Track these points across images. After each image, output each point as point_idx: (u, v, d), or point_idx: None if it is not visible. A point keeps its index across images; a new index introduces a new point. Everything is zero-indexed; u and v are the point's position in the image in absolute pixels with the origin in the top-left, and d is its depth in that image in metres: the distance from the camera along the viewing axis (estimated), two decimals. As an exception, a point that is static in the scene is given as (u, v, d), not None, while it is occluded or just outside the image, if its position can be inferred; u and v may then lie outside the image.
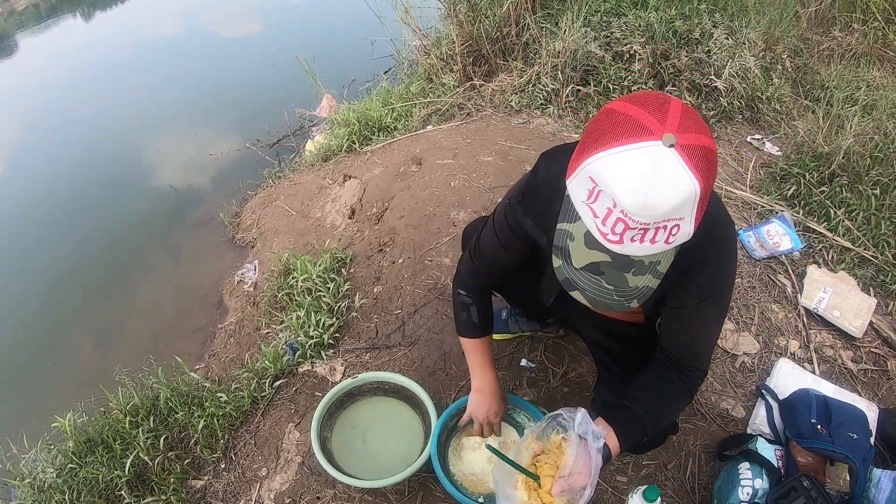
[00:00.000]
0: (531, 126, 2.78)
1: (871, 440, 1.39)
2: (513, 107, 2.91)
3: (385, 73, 4.09)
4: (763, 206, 2.25)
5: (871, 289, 1.93)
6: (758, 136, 2.66)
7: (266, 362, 1.80)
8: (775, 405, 1.53)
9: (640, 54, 2.70)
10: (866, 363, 1.74)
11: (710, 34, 2.72)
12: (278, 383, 1.77)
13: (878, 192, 2.10)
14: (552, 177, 0.97)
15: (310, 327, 1.87)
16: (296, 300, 2.02)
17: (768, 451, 1.34)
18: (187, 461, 1.63)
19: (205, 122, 4.29)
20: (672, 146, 0.69)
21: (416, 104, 3.16)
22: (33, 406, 2.37)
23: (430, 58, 3.28)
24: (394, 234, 2.25)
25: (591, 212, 0.74)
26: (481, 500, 1.36)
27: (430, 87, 3.25)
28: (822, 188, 2.21)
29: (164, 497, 1.52)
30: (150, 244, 3.15)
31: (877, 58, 3.12)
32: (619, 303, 0.83)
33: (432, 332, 1.84)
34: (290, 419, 1.69)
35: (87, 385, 2.04)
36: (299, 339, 1.85)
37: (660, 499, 1.11)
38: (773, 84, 2.76)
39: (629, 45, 2.72)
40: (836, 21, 3.27)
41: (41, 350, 2.66)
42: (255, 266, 2.64)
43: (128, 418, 1.67)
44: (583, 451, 0.98)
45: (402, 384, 1.58)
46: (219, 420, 1.67)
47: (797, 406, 1.43)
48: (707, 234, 0.84)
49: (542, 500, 1.01)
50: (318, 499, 1.49)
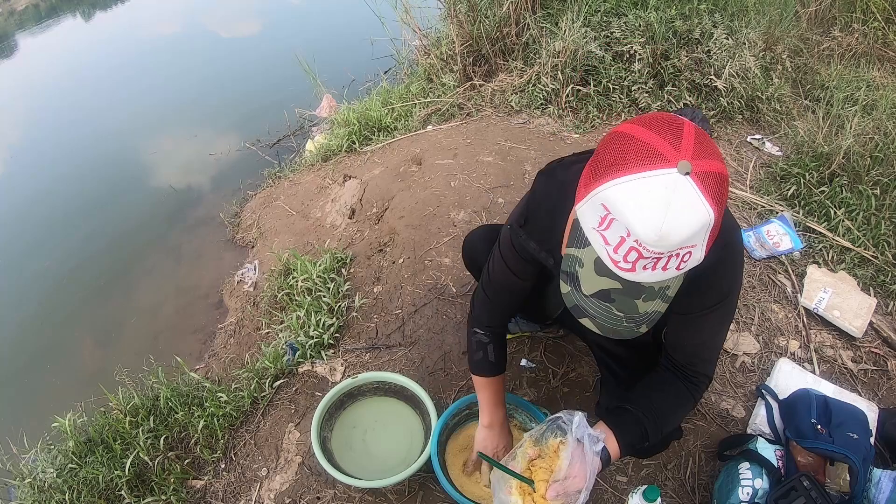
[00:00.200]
0: (531, 126, 2.78)
1: (871, 440, 1.39)
2: (513, 107, 2.91)
3: (385, 73, 4.09)
4: (763, 206, 2.25)
5: (871, 289, 1.93)
6: (758, 136, 2.66)
7: (266, 362, 1.81)
8: (775, 405, 1.53)
9: (640, 54, 2.70)
10: (866, 363, 1.74)
11: (710, 34, 2.72)
12: (278, 383, 1.77)
13: (878, 192, 2.11)
14: (551, 195, 0.97)
15: (310, 327, 1.87)
16: (296, 300, 2.02)
17: (768, 451, 1.34)
18: (187, 461, 1.63)
19: (205, 122, 4.29)
20: (687, 174, 0.68)
21: (416, 104, 3.16)
22: (33, 406, 2.37)
23: (430, 58, 3.28)
24: (394, 234, 2.25)
25: (602, 239, 0.73)
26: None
27: (430, 87, 3.25)
28: (822, 188, 2.21)
29: (164, 497, 1.52)
30: (150, 244, 3.15)
31: (877, 58, 3.12)
32: (630, 329, 0.82)
33: (432, 332, 1.84)
34: (290, 419, 1.69)
35: (88, 385, 2.04)
36: (299, 339, 1.85)
37: (660, 499, 1.11)
38: (773, 84, 2.76)
39: (629, 45, 2.73)
40: (836, 21, 3.27)
41: (41, 350, 2.66)
42: (255, 266, 2.64)
43: (128, 418, 1.67)
44: (579, 455, 0.97)
45: (402, 384, 1.58)
46: (219, 420, 1.67)
47: (797, 406, 1.43)
48: (714, 243, 0.84)
49: None
50: (318, 499, 1.50)
